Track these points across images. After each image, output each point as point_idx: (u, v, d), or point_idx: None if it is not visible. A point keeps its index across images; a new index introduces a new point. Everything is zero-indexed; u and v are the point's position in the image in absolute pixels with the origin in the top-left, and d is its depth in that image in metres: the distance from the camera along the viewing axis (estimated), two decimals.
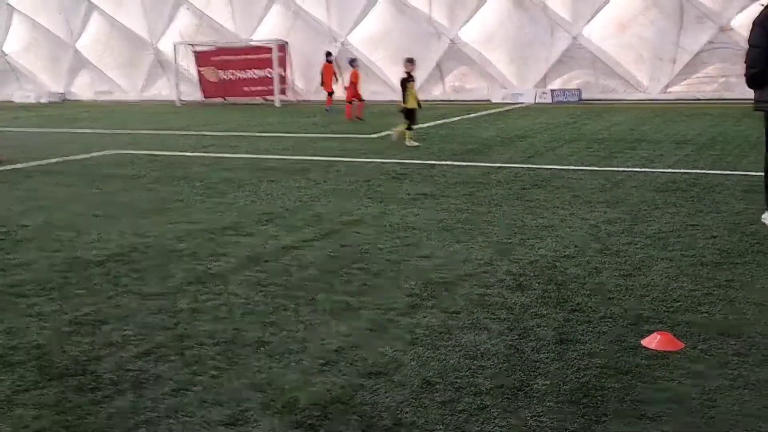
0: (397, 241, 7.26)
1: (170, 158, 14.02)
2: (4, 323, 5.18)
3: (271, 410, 3.82)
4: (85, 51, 35.69)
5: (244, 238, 7.53)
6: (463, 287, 5.75)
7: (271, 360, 4.44)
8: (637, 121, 19.00)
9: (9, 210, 9.27)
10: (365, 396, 3.95)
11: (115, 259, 6.83)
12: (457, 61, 29.04)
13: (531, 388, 3.99)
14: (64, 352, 4.64)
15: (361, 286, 5.86)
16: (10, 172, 12.61)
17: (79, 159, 14.27)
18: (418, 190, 9.93)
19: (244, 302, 5.52)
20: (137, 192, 10.39)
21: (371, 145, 15.44)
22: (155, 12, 33.60)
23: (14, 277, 6.32)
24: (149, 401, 3.94)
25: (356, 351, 4.55)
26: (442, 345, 4.60)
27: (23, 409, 3.88)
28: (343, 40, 30.19)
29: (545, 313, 5.12)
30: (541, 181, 10.38)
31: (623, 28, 26.43)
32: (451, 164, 12.33)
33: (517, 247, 6.92)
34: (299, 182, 10.86)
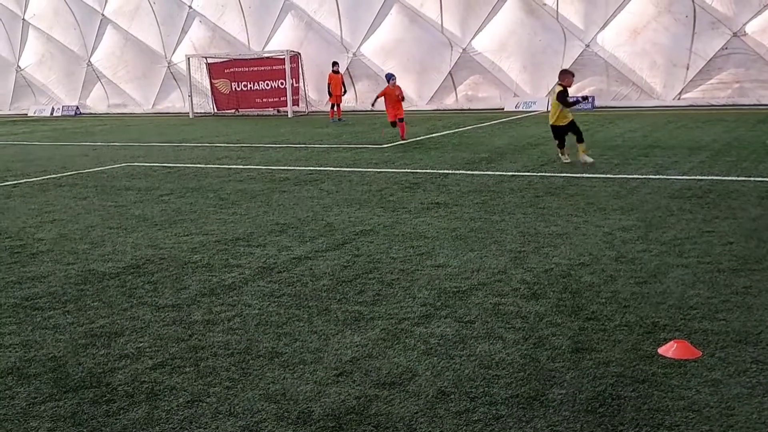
0: (410, 250, 7.25)
1: (184, 170, 14.07)
2: (20, 336, 5.20)
3: (285, 421, 3.81)
4: (99, 65, 35.95)
5: (257, 249, 7.54)
6: (477, 296, 5.73)
7: (284, 371, 4.43)
8: (651, 127, 18.92)
9: (24, 223, 9.33)
10: (380, 406, 3.93)
11: (129, 271, 6.85)
12: (469, 70, 29.03)
13: (546, 398, 3.96)
14: (80, 364, 4.65)
15: (374, 295, 5.85)
16: (25, 186, 12.70)
17: (94, 172, 14.35)
18: (431, 200, 9.92)
19: (257, 313, 5.52)
20: (151, 204, 10.44)
21: (383, 154, 15.44)
22: (168, 25, 33.81)
23: (30, 289, 6.35)
24: (164, 413, 3.94)
25: (370, 361, 4.53)
26: (456, 354, 4.58)
27: (39, 422, 3.89)
28: (355, 50, 30.25)
29: (560, 322, 5.09)
30: (555, 189, 10.35)
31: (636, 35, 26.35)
32: (464, 173, 12.31)
33: (531, 255, 6.89)
34: (312, 192, 10.87)
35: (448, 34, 28.77)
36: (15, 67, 38.43)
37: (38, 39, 37.55)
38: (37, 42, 37.70)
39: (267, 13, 31.81)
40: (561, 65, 27.32)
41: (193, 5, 32.92)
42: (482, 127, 21.11)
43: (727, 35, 24.96)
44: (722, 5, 24.87)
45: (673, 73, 26.10)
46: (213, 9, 32.75)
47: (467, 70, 29.04)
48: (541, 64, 27.55)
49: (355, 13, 30.05)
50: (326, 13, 30.64)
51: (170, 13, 33.57)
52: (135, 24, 34.61)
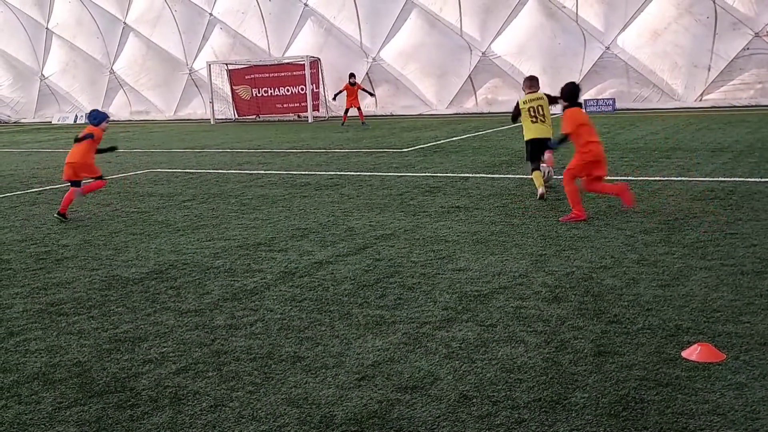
0: (431, 254, 7.25)
1: (205, 176, 14.17)
2: (46, 341, 5.27)
3: (308, 426, 3.83)
4: (121, 72, 36.29)
5: (279, 253, 7.57)
6: (498, 300, 5.72)
7: (307, 375, 4.45)
8: (672, 129, 18.79)
9: (49, 229, 9.44)
10: (402, 411, 3.94)
11: (152, 276, 6.91)
12: (489, 73, 29.00)
13: (569, 401, 3.95)
14: (104, 369, 4.70)
15: (395, 300, 5.86)
16: (50, 192, 12.84)
17: (117, 178, 14.48)
18: (452, 203, 9.91)
19: (279, 318, 5.55)
20: (173, 210, 10.52)
21: (404, 159, 15.45)
22: (190, 32, 34.07)
23: (55, 295, 6.43)
24: (187, 417, 3.98)
25: (392, 365, 4.54)
26: (478, 358, 4.58)
27: (64, 426, 3.93)
28: (375, 55, 30.31)
29: (582, 325, 5.07)
30: None
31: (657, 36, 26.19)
32: (484, 176, 12.29)
33: (552, 258, 6.87)
34: (332, 197, 10.90)
35: (467, 38, 28.76)
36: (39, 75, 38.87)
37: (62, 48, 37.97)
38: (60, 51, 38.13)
39: (287, 19, 31.97)
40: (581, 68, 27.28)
41: (214, 12, 33.15)
42: (502, 131, 21.06)
43: (748, 36, 24.77)
44: (743, 6, 24.68)
45: (695, 74, 25.92)
46: (234, 16, 32.96)
47: (487, 73, 29.01)
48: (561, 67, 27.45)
49: (375, 19, 30.12)
50: (346, 18, 30.74)
51: (191, 20, 33.83)
52: (157, 32, 34.90)
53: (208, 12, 33.24)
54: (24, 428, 3.93)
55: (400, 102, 30.73)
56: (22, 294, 6.52)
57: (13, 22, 38.36)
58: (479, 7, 28.34)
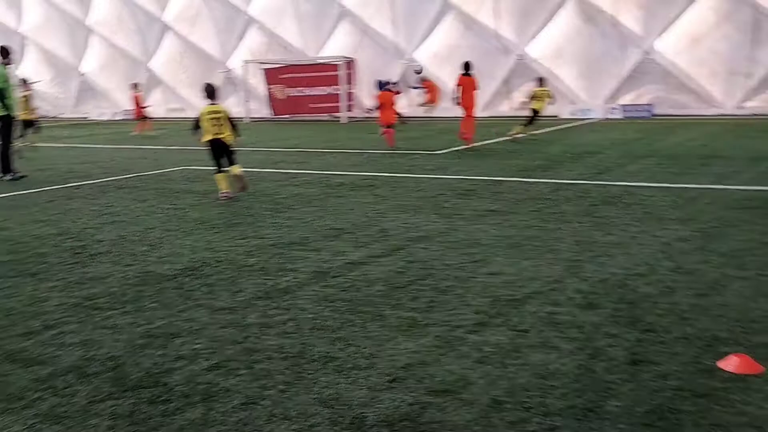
0: (465, 257, 7.22)
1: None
2: (81, 335, 5.33)
3: (339, 426, 3.82)
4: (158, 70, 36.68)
5: (312, 253, 7.59)
6: (531, 305, 5.68)
7: (338, 375, 4.45)
8: (710, 136, 18.54)
9: (85, 224, 9.55)
10: (433, 414, 3.92)
11: (186, 273, 6.96)
12: (524, 76, 28.83)
13: (603, 410, 3.90)
14: (138, 364, 4.74)
15: (428, 302, 5.84)
16: (87, 187, 13.01)
17: (153, 175, 14.64)
18: (486, 207, 9.86)
19: (312, 317, 5.56)
20: (208, 207, 10.59)
21: (438, 161, 15.42)
22: (227, 31, 34.36)
23: (90, 290, 6.50)
24: (219, 414, 3.99)
25: (424, 368, 4.52)
26: (510, 363, 4.54)
27: (99, 419, 3.97)
28: (409, 56, 30.29)
29: (617, 333, 5.01)
30: (611, 198, 10.20)
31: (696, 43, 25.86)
32: (518, 180, 12.22)
33: (586, 264, 6.80)
34: (366, 198, 10.90)
35: (503, 41, 28.63)
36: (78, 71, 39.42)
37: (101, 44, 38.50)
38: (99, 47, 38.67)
39: (323, 19, 32.10)
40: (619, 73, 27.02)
41: (251, 12, 33.37)
42: (537, 135, 20.93)
43: None
44: None
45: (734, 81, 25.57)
46: (270, 16, 33.17)
47: (522, 76, 28.87)
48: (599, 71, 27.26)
49: (411, 20, 30.13)
50: (381, 19, 30.79)
51: (228, 19, 34.12)
52: (194, 30, 35.26)
53: (244, 11, 33.46)
54: (59, 420, 3.97)
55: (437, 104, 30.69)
56: (58, 287, 6.60)
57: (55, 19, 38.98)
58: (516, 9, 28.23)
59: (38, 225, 9.60)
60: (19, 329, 5.49)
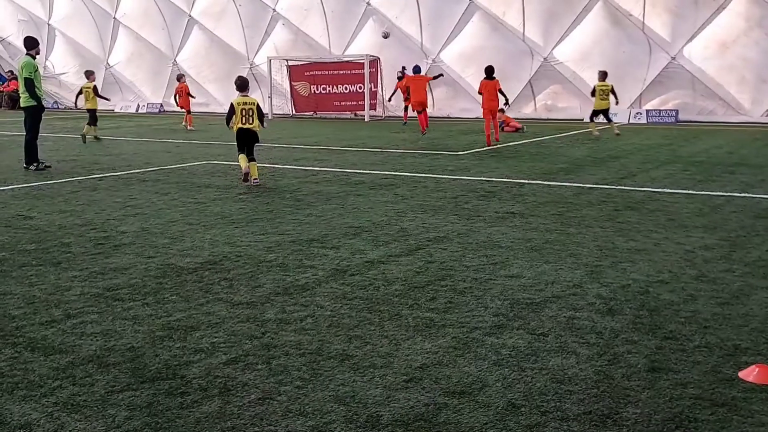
0: (484, 259, 7.20)
1: (261, 170, 14.28)
2: (102, 325, 5.37)
3: (354, 424, 3.82)
4: (184, 64, 36.86)
5: (331, 251, 7.60)
6: (550, 309, 5.65)
7: (355, 373, 4.45)
8: (737, 144, 18.35)
9: (108, 216, 9.63)
10: (449, 415, 3.91)
11: (207, 267, 6.99)
12: (549, 79, 28.71)
13: (620, 416, 3.88)
14: (157, 355, 4.77)
15: (446, 303, 5.83)
16: (111, 179, 13.11)
17: (176, 168, 14.72)
18: (507, 209, 9.83)
19: (329, 314, 5.56)
20: (229, 202, 10.64)
21: (459, 162, 15.39)
22: (253, 27, 34.44)
23: (112, 281, 6.55)
24: (236, 408, 4.01)
25: (440, 369, 4.51)
26: (528, 367, 4.52)
27: (116, 410, 4.00)
28: (435, 56, 30.24)
29: (637, 340, 4.97)
30: (635, 203, 10.13)
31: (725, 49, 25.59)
32: (540, 183, 12.17)
33: (607, 270, 6.76)
34: (387, 197, 10.90)
35: (529, 43, 28.51)
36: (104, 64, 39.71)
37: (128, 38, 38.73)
38: (126, 40, 38.90)
39: (349, 17, 32.10)
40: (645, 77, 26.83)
41: (278, 8, 33.45)
42: (561, 138, 20.84)
43: None
44: None
45: (762, 89, 25.28)
46: (296, 13, 33.22)
47: (547, 79, 28.73)
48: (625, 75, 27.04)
49: (437, 20, 30.05)
50: (407, 19, 30.74)
51: (255, 15, 34.20)
52: (220, 25, 35.38)
53: (271, 8, 33.55)
54: (77, 409, 4.01)
55: (459, 104, 30.62)
56: (80, 277, 6.66)
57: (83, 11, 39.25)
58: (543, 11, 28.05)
59: (62, 215, 9.69)
60: (41, 317, 5.55)
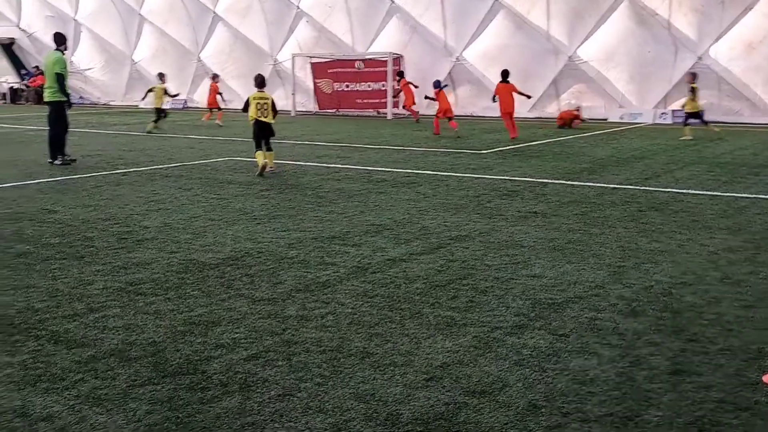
0: (506, 258, 7.16)
1: (283, 167, 14.34)
2: (124, 319, 5.41)
3: (374, 422, 3.82)
4: (208, 61, 37.04)
5: (353, 248, 7.60)
6: (572, 309, 5.61)
7: (375, 371, 4.45)
8: (763, 145, 18.14)
9: (132, 210, 9.70)
10: (469, 414, 3.89)
11: (228, 262, 7.02)
12: (574, 78, 28.52)
13: (642, 419, 3.84)
14: (178, 350, 4.79)
15: (467, 302, 5.81)
16: (134, 174, 13.20)
17: (198, 164, 14.80)
18: (529, 208, 9.78)
19: (350, 312, 5.57)
20: (251, 198, 10.68)
21: (482, 160, 15.34)
22: (276, 24, 34.53)
23: (134, 275, 6.59)
24: (256, 404, 4.02)
25: (461, 368, 4.50)
26: (549, 368, 4.50)
27: (138, 403, 4.03)
28: (459, 55, 30.16)
29: (659, 342, 4.93)
30: (658, 204, 10.05)
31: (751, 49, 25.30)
32: (563, 183, 12.10)
33: (630, 271, 6.71)
34: (408, 195, 10.89)
35: (554, 41, 28.35)
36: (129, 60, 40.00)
37: (153, 34, 38.98)
38: (151, 37, 39.15)
39: (373, 15, 32.08)
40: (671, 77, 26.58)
41: (301, 6, 33.51)
42: (584, 137, 20.71)
43: None
44: None
45: None
46: (320, 10, 33.25)
47: (572, 78, 28.55)
48: (650, 75, 26.81)
49: (461, 18, 29.96)
50: (431, 17, 30.67)
51: (279, 12, 34.29)
52: (245, 22, 35.50)
53: (295, 5, 33.62)
54: (99, 402, 4.04)
55: (482, 103, 30.47)
56: (103, 272, 6.71)
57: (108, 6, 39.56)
58: (568, 10, 27.86)
59: (86, 209, 9.77)
60: (64, 311, 5.60)
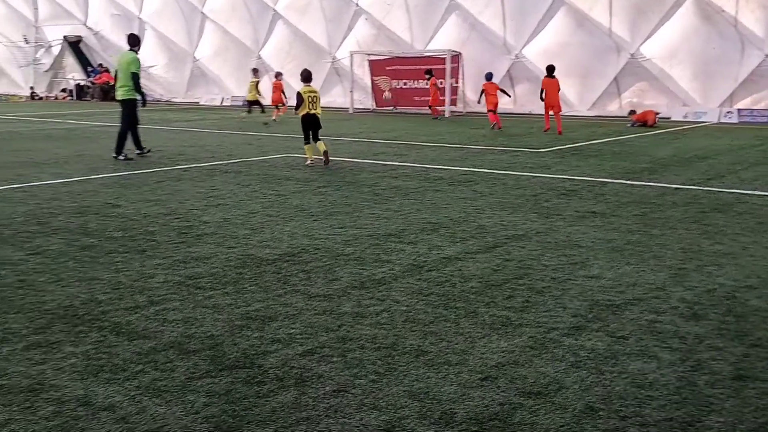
0: (563, 258, 7.08)
1: (341, 164, 14.41)
2: (183, 312, 5.50)
3: (428, 420, 3.81)
4: (268, 58, 37.43)
5: (408, 246, 7.60)
6: (631, 312, 5.52)
7: (429, 369, 4.44)
8: None
9: (192, 206, 9.86)
10: (524, 415, 3.86)
11: (285, 258, 7.09)
12: (636, 76, 28.00)
13: (703, 424, 3.76)
14: (235, 344, 4.86)
15: (523, 302, 5.75)
16: (195, 170, 13.42)
17: (257, 161, 14.97)
18: (587, 208, 9.65)
19: (405, 310, 5.57)
20: (309, 195, 10.76)
21: (540, 159, 15.18)
22: (335, 22, 34.72)
23: (194, 269, 6.71)
24: (311, 399, 4.05)
25: (516, 368, 4.46)
26: (607, 370, 4.43)
27: (195, 396, 4.09)
28: (518, 52, 29.90)
29: (722, 346, 4.81)
30: (722, 205, 9.80)
31: None
32: (623, 183, 11.90)
33: (692, 273, 6.56)
34: (465, 193, 10.84)
35: (616, 39, 27.87)
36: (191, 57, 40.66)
37: (214, 32, 39.55)
38: (213, 35, 39.73)
39: (432, 12, 32.00)
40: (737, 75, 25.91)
41: (360, 3, 33.62)
42: (645, 136, 20.33)
43: None
44: None
45: None
46: (379, 7, 33.30)
47: (634, 76, 28.04)
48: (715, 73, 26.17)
49: (521, 15, 29.67)
50: (491, 14, 30.45)
51: (338, 10, 34.46)
52: (304, 20, 35.77)
53: (354, 2, 33.75)
54: (158, 394, 4.12)
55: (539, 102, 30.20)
56: (164, 265, 6.84)
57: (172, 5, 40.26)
58: (631, 7, 27.35)
59: (148, 204, 9.97)
60: (126, 303, 5.72)
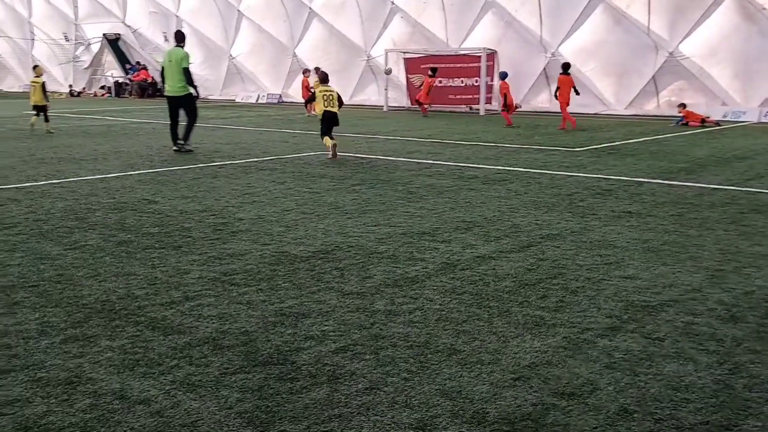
0: (598, 258, 7.02)
1: (375, 161, 14.43)
2: (218, 308, 5.55)
3: (460, 419, 3.81)
4: (303, 56, 37.60)
5: (442, 244, 7.59)
6: (667, 313, 5.45)
7: (462, 368, 4.43)
8: None
9: (227, 202, 9.95)
10: (557, 416, 3.84)
11: (319, 256, 7.12)
12: (674, 75, 27.66)
13: (740, 428, 3.70)
14: (269, 340, 4.89)
15: (557, 302, 5.72)
16: (230, 167, 13.53)
17: (292, 158, 15.05)
18: (623, 208, 9.55)
19: (438, 308, 5.56)
20: (343, 192, 10.79)
21: (575, 158, 15.06)
22: (371, 20, 34.76)
23: (228, 266, 6.76)
24: (343, 396, 4.06)
25: (549, 369, 4.43)
26: (642, 372, 4.38)
27: (229, 391, 4.13)
28: (554, 50, 29.68)
29: (760, 350, 4.74)
30: (761, 206, 9.64)
31: None
32: (660, 182, 11.76)
33: (730, 275, 6.46)
34: (499, 192, 10.79)
35: (654, 37, 27.55)
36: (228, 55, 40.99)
37: (250, 30, 39.84)
38: (249, 32, 40.02)
39: (467, 10, 31.90)
40: None
41: (396, 1, 33.61)
42: (683, 136, 20.07)
43: None
44: None
45: None
46: (415, 5, 33.28)
47: (672, 75, 27.69)
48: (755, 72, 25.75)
49: (557, 13, 29.46)
50: (527, 12, 30.27)
51: (374, 8, 34.50)
52: (340, 18, 35.88)
53: (390, 0, 33.76)
54: (193, 389, 4.16)
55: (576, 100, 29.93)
56: (199, 261, 6.91)
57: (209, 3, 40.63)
58: (670, 5, 27.02)
59: (184, 200, 10.08)
60: (162, 298, 5.79)
